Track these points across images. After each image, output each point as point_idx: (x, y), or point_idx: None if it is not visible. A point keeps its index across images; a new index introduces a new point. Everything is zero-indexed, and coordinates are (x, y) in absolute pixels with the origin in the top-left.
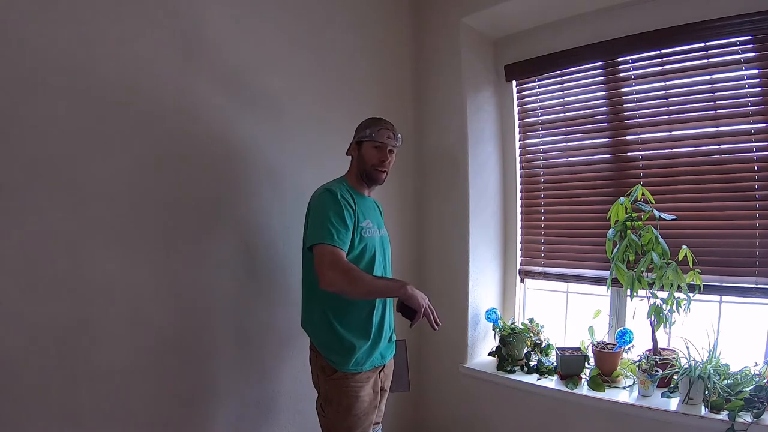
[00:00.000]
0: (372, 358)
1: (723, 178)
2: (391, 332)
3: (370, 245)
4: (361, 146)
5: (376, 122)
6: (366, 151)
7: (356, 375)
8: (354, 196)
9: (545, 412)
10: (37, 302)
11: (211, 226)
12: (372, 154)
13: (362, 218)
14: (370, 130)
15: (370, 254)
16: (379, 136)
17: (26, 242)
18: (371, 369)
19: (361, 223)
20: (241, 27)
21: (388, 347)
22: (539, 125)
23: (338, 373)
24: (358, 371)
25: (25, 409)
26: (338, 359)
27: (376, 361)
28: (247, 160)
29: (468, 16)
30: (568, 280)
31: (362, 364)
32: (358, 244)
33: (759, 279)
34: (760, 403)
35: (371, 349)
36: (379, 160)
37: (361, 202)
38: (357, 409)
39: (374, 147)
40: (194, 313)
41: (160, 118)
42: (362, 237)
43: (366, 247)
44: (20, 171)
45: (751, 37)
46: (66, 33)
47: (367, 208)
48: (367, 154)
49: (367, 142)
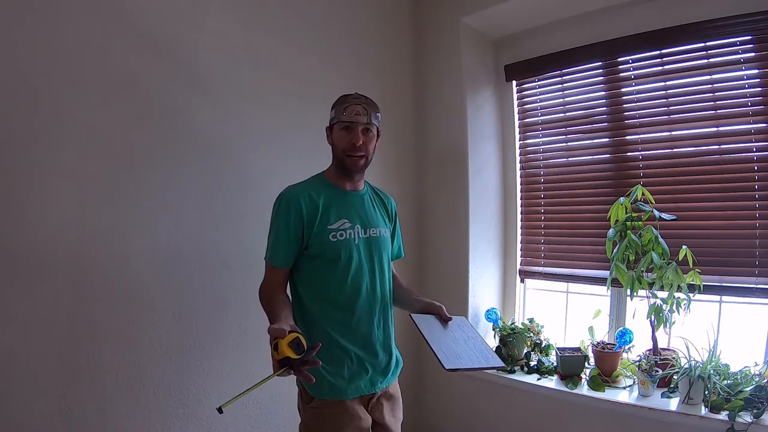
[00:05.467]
0: (356, 385)
1: (723, 178)
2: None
3: (343, 250)
4: (332, 131)
5: (342, 100)
6: (336, 135)
7: (337, 403)
8: (325, 194)
9: (545, 412)
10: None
11: (215, 226)
12: (341, 137)
13: (334, 219)
14: (335, 110)
15: (342, 260)
16: (347, 115)
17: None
18: (357, 398)
19: (330, 225)
20: (240, 27)
21: (385, 372)
22: (539, 125)
23: (315, 401)
24: (338, 399)
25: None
26: (312, 386)
27: (364, 389)
28: (247, 163)
29: (468, 16)
30: (568, 280)
31: (343, 391)
32: (321, 251)
33: (759, 279)
34: (760, 403)
35: (354, 375)
36: (349, 143)
37: (338, 199)
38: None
39: (343, 128)
40: (194, 313)
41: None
42: (328, 242)
43: (335, 253)
44: (20, 166)
45: (751, 37)
46: None
47: (347, 205)
48: (336, 139)
49: (336, 125)
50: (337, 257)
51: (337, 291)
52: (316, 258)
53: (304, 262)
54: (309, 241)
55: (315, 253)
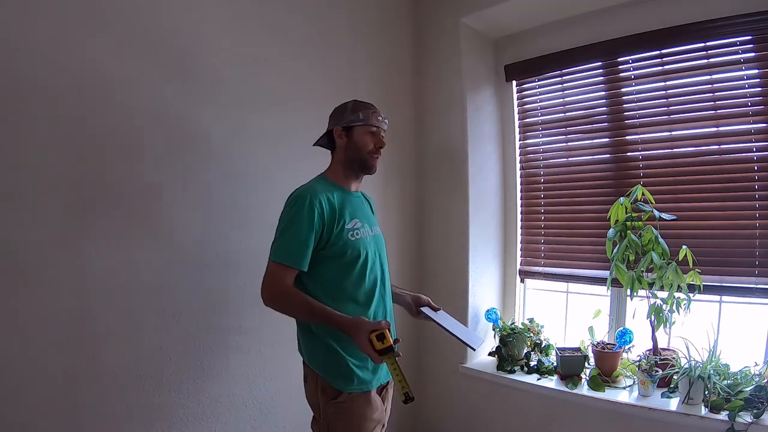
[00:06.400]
0: (378, 376)
1: (723, 178)
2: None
3: (361, 247)
4: (352, 132)
5: (365, 105)
6: (360, 137)
7: (363, 395)
8: (337, 196)
9: (545, 412)
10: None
11: (216, 226)
12: (367, 140)
13: (348, 219)
14: (363, 113)
15: (361, 258)
16: (374, 120)
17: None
18: (377, 387)
19: (347, 225)
20: (239, 27)
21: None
22: (539, 125)
23: (343, 395)
24: (365, 390)
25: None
26: (340, 381)
27: (382, 379)
28: (245, 162)
29: (468, 16)
30: (568, 280)
31: (369, 382)
32: (343, 250)
33: (759, 279)
34: (760, 403)
35: (376, 367)
36: (376, 146)
37: (347, 199)
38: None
39: (369, 132)
40: (194, 313)
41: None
42: (348, 241)
43: (355, 252)
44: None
45: (751, 37)
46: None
47: (355, 206)
48: (361, 141)
49: (360, 128)
50: (357, 255)
51: (356, 288)
52: (336, 258)
53: (320, 263)
54: (329, 241)
55: (336, 252)
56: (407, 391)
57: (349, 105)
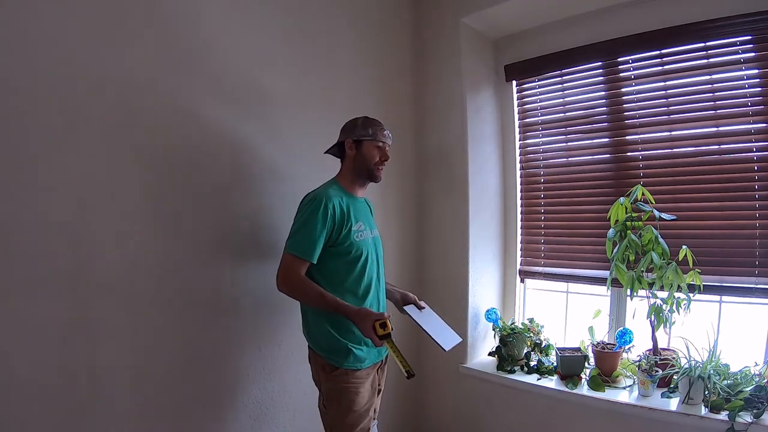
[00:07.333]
0: (371, 355)
1: (723, 178)
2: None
3: (363, 248)
4: (361, 145)
5: (374, 122)
6: (368, 150)
7: (356, 372)
8: (346, 200)
9: (545, 412)
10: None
11: (216, 226)
12: (374, 153)
13: (354, 221)
14: (372, 129)
15: (363, 257)
16: (382, 136)
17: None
18: (370, 366)
19: (353, 227)
20: (238, 27)
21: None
22: (539, 125)
23: (339, 370)
24: (358, 368)
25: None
26: (338, 358)
27: (374, 358)
28: (247, 161)
29: (468, 16)
30: (568, 280)
31: (362, 361)
32: (348, 249)
33: (759, 279)
34: (760, 403)
35: (370, 348)
36: (381, 159)
37: (353, 204)
38: (357, 405)
39: (376, 147)
40: (194, 313)
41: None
42: (354, 241)
43: (358, 251)
44: (22, 169)
45: (751, 37)
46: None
47: (360, 210)
48: (369, 154)
49: (368, 142)
50: (359, 254)
51: (356, 282)
52: (343, 255)
53: (329, 258)
54: (338, 240)
55: (342, 250)
56: (408, 368)
57: (359, 121)
